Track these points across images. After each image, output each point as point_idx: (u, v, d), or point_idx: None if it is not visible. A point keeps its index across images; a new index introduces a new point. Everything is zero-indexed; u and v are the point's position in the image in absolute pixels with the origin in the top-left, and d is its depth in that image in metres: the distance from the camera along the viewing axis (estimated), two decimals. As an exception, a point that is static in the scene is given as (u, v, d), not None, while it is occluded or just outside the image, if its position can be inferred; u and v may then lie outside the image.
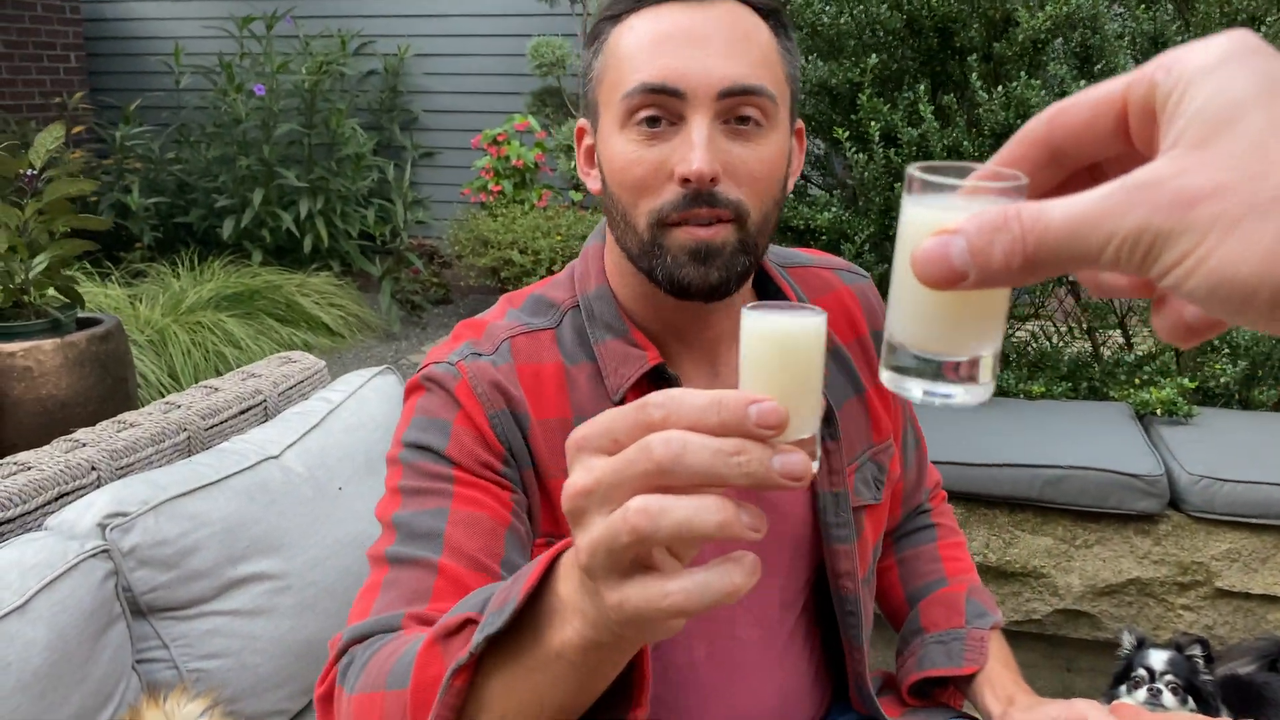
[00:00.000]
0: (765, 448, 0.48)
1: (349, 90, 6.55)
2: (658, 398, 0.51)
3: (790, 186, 1.03)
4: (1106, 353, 2.96)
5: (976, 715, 1.18)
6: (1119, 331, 3.04)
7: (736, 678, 1.12)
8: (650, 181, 0.93)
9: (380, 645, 0.85)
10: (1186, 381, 2.42)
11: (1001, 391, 2.54)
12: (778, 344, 0.52)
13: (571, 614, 0.59)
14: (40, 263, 2.12)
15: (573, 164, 5.71)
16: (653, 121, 0.92)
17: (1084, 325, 3.08)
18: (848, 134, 2.59)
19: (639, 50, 0.93)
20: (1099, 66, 2.70)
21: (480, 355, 0.99)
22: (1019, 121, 2.50)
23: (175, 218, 6.05)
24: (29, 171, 2.15)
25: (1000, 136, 2.55)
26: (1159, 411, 2.39)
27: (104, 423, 1.65)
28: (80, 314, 2.29)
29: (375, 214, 6.26)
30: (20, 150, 2.36)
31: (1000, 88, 2.47)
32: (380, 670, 0.80)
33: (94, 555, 1.28)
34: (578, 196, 5.81)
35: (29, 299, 2.16)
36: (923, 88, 2.52)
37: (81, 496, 1.45)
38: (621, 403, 0.99)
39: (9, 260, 2.09)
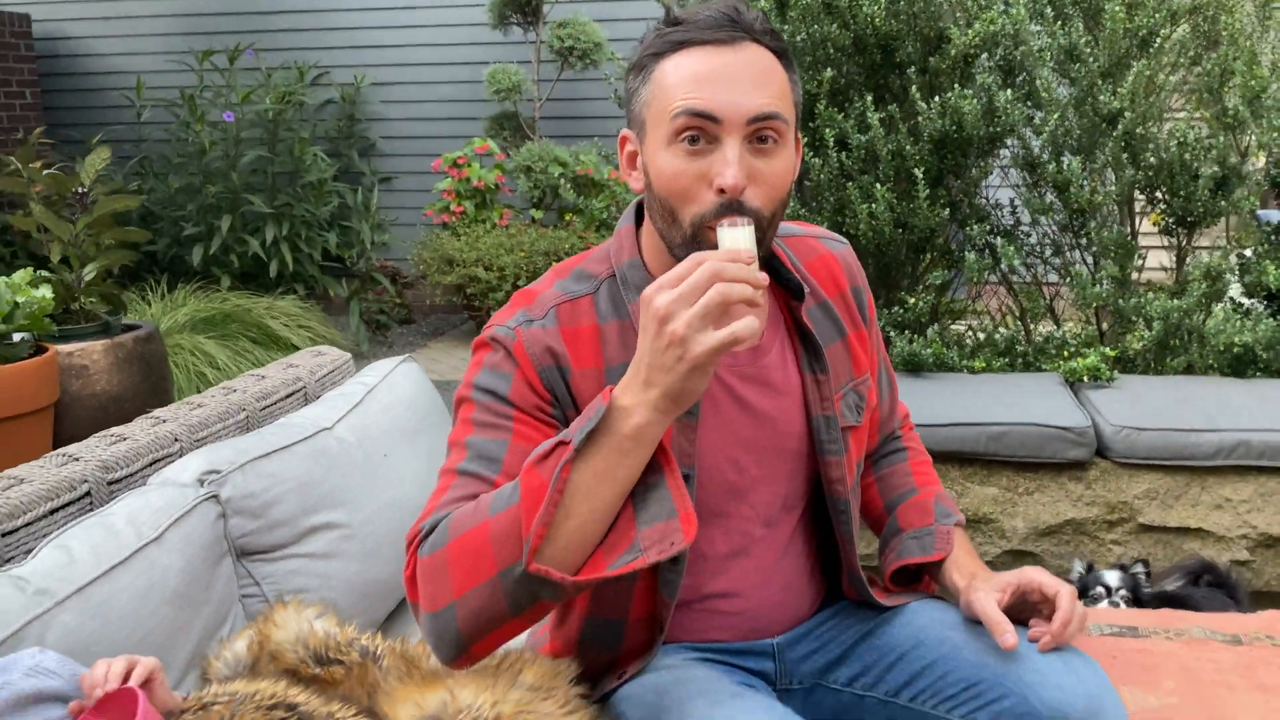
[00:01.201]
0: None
1: (308, 119, 6.74)
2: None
3: (790, 186, 1.31)
4: (1038, 337, 3.30)
5: (945, 596, 1.46)
6: (1049, 317, 3.39)
7: (748, 568, 1.38)
8: (693, 189, 1.20)
9: (454, 512, 1.13)
10: (1109, 350, 2.76)
11: (947, 367, 2.85)
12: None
13: (633, 410, 1.06)
14: (89, 272, 2.31)
15: (531, 184, 5.97)
16: (694, 140, 1.19)
17: (1016, 313, 3.42)
18: (805, 140, 2.90)
19: (683, 83, 1.19)
20: (1021, 78, 3.04)
21: (532, 321, 1.26)
22: (954, 129, 2.84)
23: (141, 247, 6.17)
24: (80, 189, 2.35)
25: (938, 142, 2.87)
26: (1085, 378, 2.72)
27: (174, 404, 1.87)
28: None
29: (337, 238, 6.44)
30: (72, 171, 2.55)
31: (936, 98, 2.80)
32: (477, 512, 1.11)
33: (207, 500, 1.51)
34: (538, 214, 6.06)
35: (79, 304, 2.35)
36: (870, 99, 2.84)
37: (170, 462, 1.68)
38: None
39: (62, 270, 2.28)
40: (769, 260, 1.34)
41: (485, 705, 1.09)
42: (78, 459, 1.59)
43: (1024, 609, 1.32)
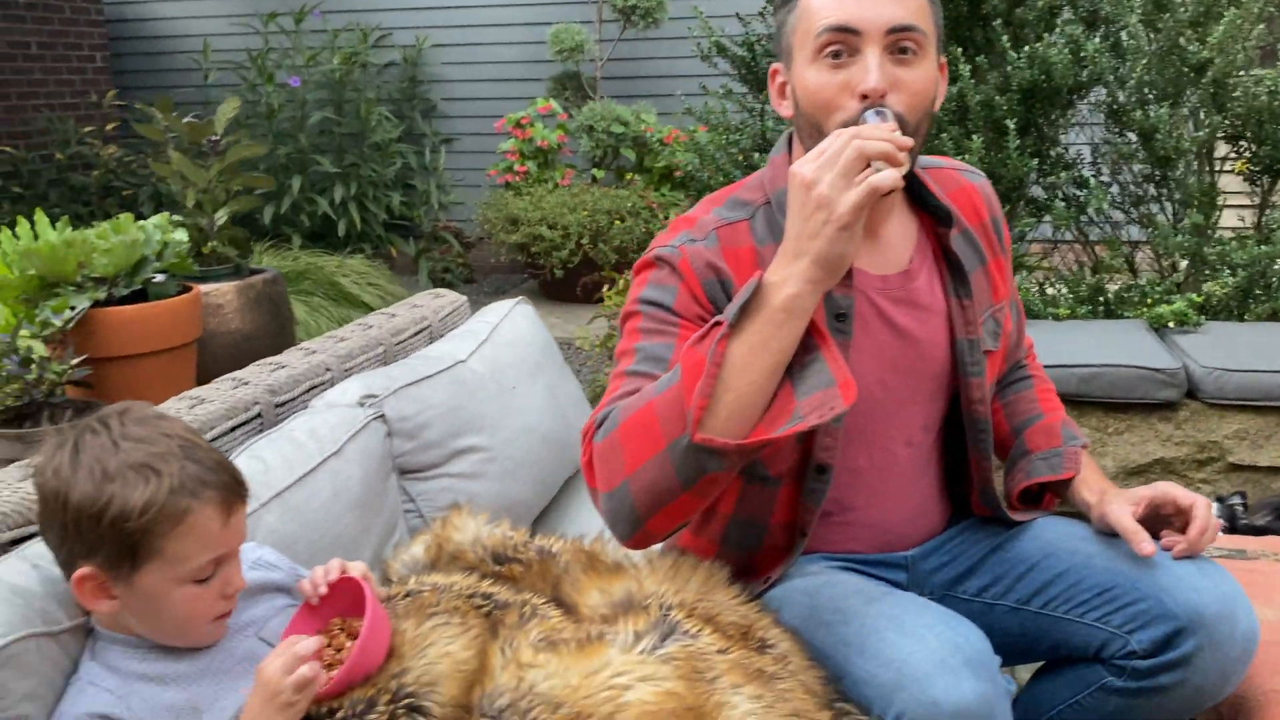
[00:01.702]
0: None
1: (372, 81, 6.83)
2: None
3: (936, 107, 1.37)
4: (1114, 286, 3.34)
5: (1067, 513, 1.53)
6: (1126, 270, 3.43)
7: (888, 484, 1.46)
8: (837, 99, 1.27)
9: (625, 401, 1.23)
10: (1194, 296, 2.80)
11: (1032, 314, 2.91)
12: None
13: (784, 282, 1.13)
14: (221, 216, 2.43)
15: (593, 143, 6.04)
16: (836, 54, 1.26)
17: (1090, 265, 3.46)
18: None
19: (826, 4, 1.27)
20: (1102, 31, 3.06)
21: (695, 241, 1.34)
22: (1043, 78, 2.87)
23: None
24: (213, 138, 2.46)
25: (1026, 92, 2.91)
26: (1171, 324, 2.77)
27: (319, 338, 1.99)
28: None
29: (400, 198, 6.55)
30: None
31: (1025, 48, 2.83)
32: (643, 395, 1.21)
33: (376, 419, 1.62)
34: (600, 174, 6.13)
35: (211, 248, 2.48)
36: (959, 51, 2.88)
37: (324, 389, 1.80)
38: None
39: (195, 215, 2.40)
40: (917, 186, 1.41)
41: (669, 593, 1.19)
42: (246, 383, 1.71)
43: (1156, 522, 1.39)
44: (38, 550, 1.13)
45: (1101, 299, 3.05)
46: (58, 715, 1.04)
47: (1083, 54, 2.82)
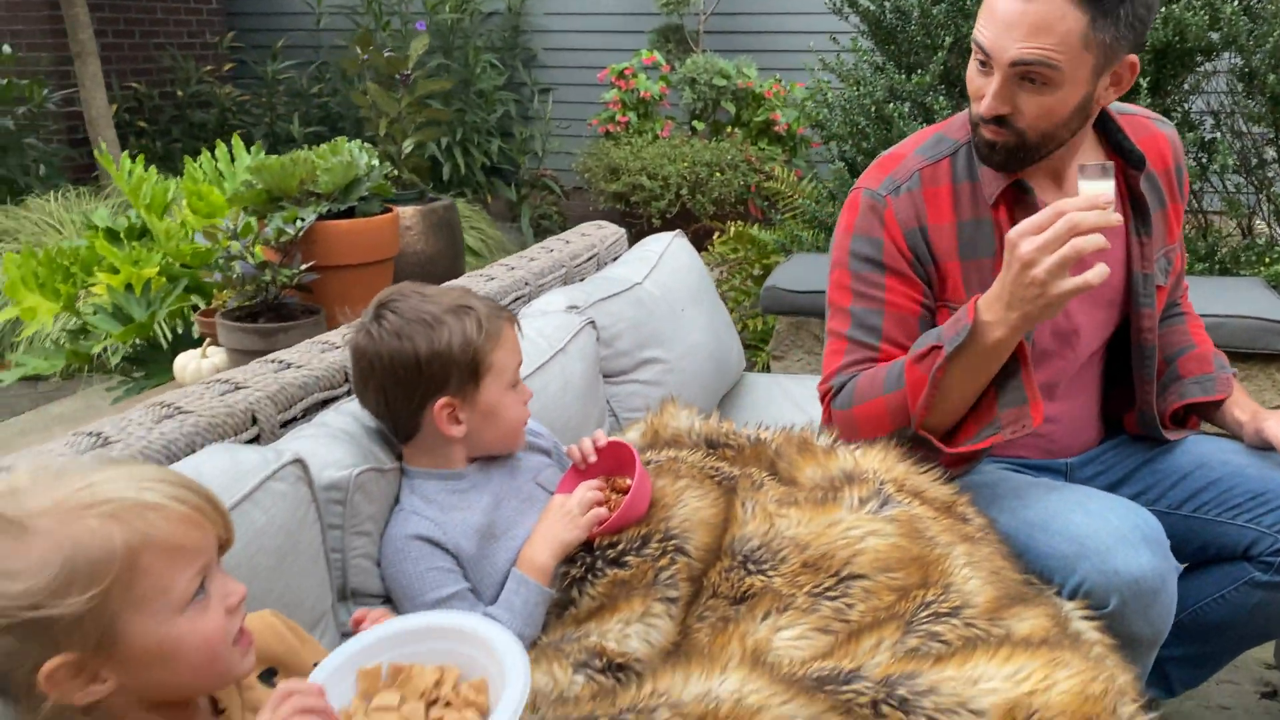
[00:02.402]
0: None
1: (477, 29, 7.01)
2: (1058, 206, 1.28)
3: (1104, 101, 1.46)
4: (1224, 250, 3.42)
5: (1214, 433, 1.68)
6: (1240, 233, 3.50)
7: (1059, 399, 1.63)
8: (974, 95, 1.46)
9: (857, 378, 1.49)
10: (1312, 256, 2.90)
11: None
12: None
13: (995, 325, 1.34)
14: (408, 145, 2.65)
15: (694, 95, 6.16)
16: (983, 64, 1.42)
17: (1205, 229, 3.54)
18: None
19: (982, 13, 1.41)
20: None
21: (899, 187, 1.51)
22: (1176, 39, 2.96)
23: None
24: (405, 72, 2.68)
25: (1159, 53, 2.99)
26: (1289, 282, 2.87)
27: (513, 257, 2.19)
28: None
29: (499, 145, 6.75)
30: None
31: (1162, 9, 2.92)
32: (873, 385, 1.47)
33: (588, 325, 1.82)
34: (700, 126, 6.26)
35: (398, 174, 2.70)
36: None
37: (526, 301, 2.00)
38: (994, 206, 1.50)
39: (386, 143, 2.62)
40: (1113, 130, 1.56)
41: (881, 471, 1.37)
42: (467, 290, 1.91)
43: None
44: (351, 407, 1.35)
45: (1217, 257, 3.14)
46: (388, 537, 1.26)
47: (1219, 16, 2.90)
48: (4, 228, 4.41)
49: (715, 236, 4.60)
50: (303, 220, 2.04)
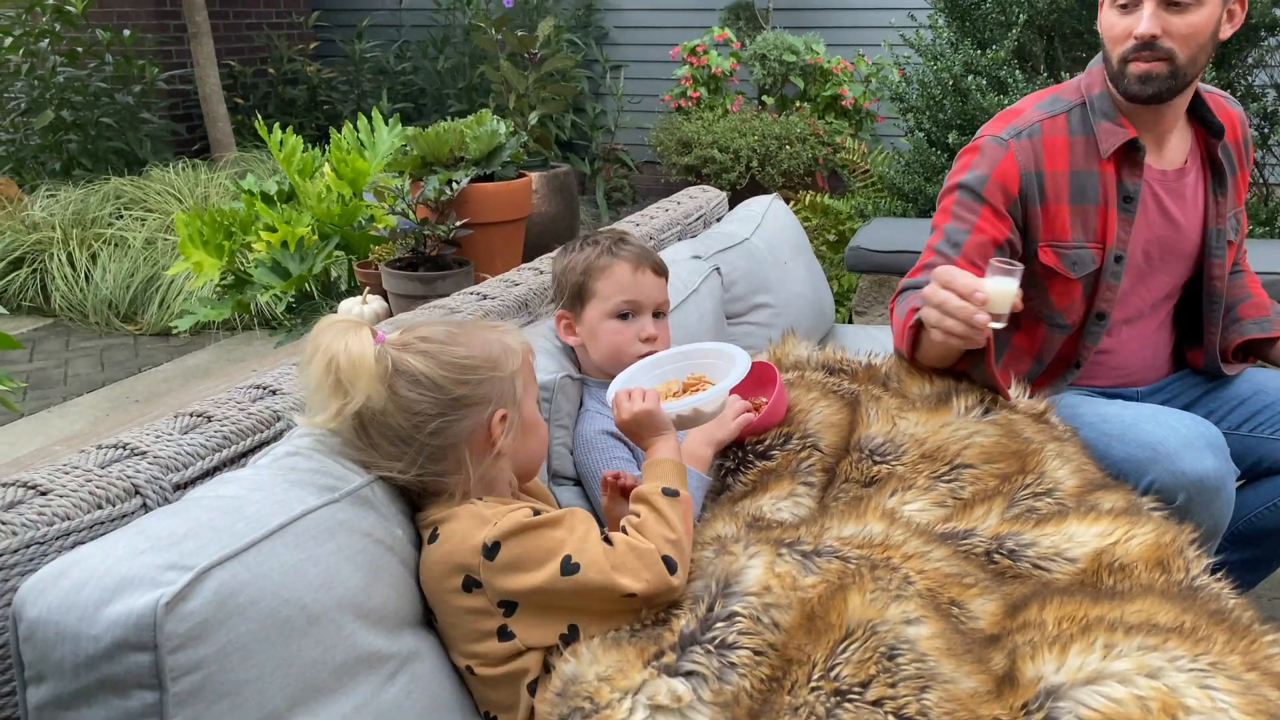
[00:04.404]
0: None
1: (552, 8, 7.27)
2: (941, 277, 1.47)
3: (1223, 34, 1.71)
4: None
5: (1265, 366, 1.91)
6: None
7: (1136, 334, 1.87)
8: (1120, 37, 1.67)
9: (910, 295, 1.69)
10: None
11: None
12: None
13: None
14: (534, 117, 2.94)
15: (764, 71, 6.38)
16: (1125, 7, 1.65)
17: (1265, 196, 3.71)
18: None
19: None
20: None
21: (1020, 133, 1.75)
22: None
23: (413, 121, 6.90)
24: (533, 50, 2.96)
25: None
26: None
27: (636, 214, 2.46)
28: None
29: (573, 120, 7.02)
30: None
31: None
32: (904, 308, 1.68)
33: (715, 270, 2.09)
34: (769, 101, 6.48)
35: (525, 143, 2.99)
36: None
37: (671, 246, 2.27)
38: (1110, 160, 1.73)
39: (514, 115, 2.91)
40: (1198, 103, 1.78)
41: (986, 397, 1.63)
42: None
43: None
44: (544, 329, 1.64)
45: (1277, 222, 3.33)
46: (579, 433, 1.55)
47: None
48: (133, 197, 4.78)
49: (791, 205, 4.84)
50: (457, 183, 2.33)
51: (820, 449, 1.54)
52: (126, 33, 5.46)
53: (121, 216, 4.72)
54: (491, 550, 1.08)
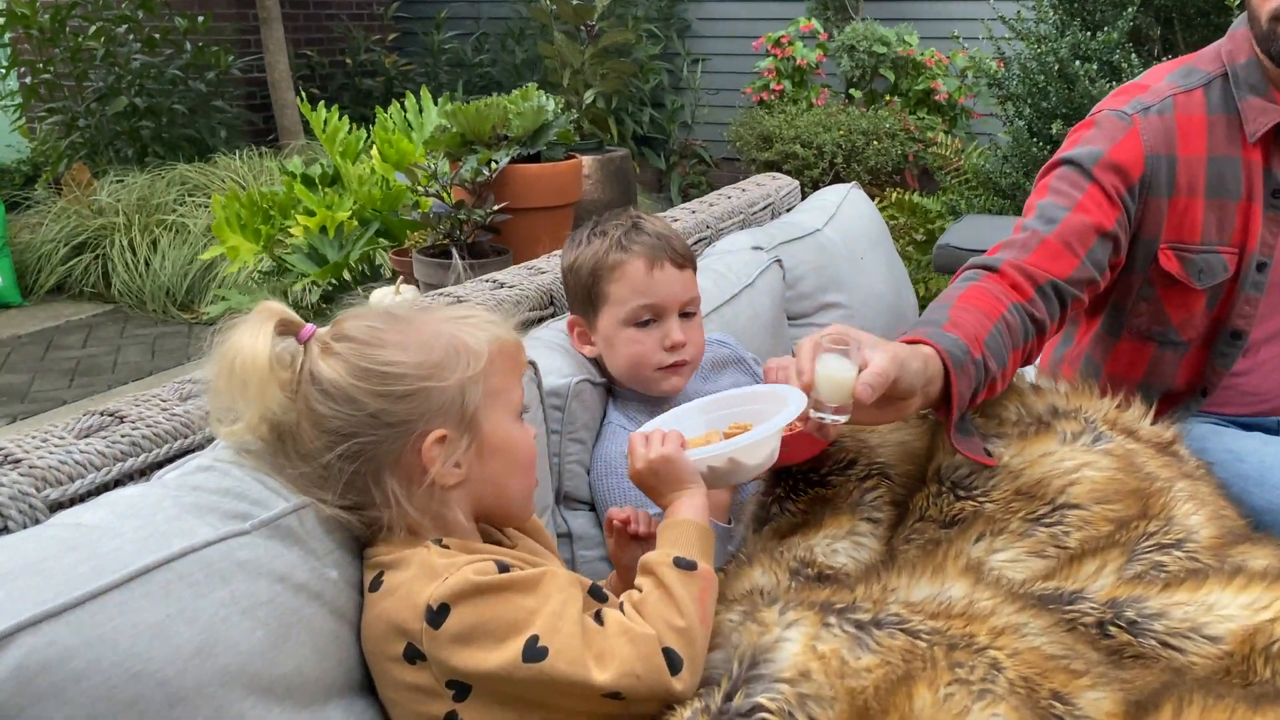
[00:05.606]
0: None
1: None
2: None
3: None
4: None
5: None
6: None
7: (1270, 357, 1.55)
8: None
9: (971, 279, 1.36)
10: None
11: None
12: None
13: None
14: (589, 96, 2.73)
15: (853, 63, 6.05)
16: None
17: None
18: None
19: None
20: None
21: (1149, 108, 1.44)
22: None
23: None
24: (590, 22, 2.75)
25: None
26: None
27: (693, 202, 2.21)
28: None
29: (650, 115, 6.78)
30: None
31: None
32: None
33: (775, 262, 1.83)
34: (857, 95, 6.15)
35: (578, 124, 2.78)
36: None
37: (706, 244, 2.02)
38: (1257, 145, 1.42)
39: (567, 94, 2.70)
40: None
41: (1089, 409, 1.34)
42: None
43: None
44: (560, 325, 1.40)
45: None
46: (598, 453, 1.32)
47: None
48: (197, 183, 4.71)
49: (875, 202, 4.53)
50: (496, 163, 2.12)
51: (890, 477, 1.27)
52: (200, 19, 5.42)
53: (184, 203, 4.65)
54: (437, 615, 0.83)
